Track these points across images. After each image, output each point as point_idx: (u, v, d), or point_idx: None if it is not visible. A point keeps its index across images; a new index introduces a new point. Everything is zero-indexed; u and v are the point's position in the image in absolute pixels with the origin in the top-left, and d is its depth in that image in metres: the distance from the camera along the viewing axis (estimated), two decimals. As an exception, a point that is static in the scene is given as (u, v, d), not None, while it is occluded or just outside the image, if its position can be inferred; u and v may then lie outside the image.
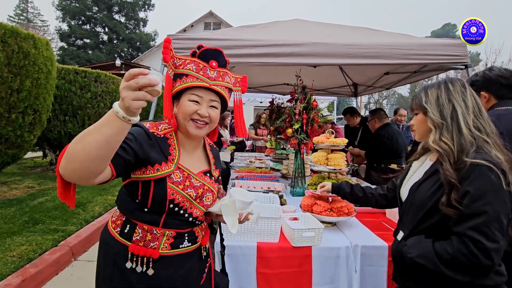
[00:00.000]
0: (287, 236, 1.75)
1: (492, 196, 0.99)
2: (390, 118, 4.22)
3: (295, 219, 1.91)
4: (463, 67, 2.63)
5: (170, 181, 1.07)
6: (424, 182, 1.17)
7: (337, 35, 2.79)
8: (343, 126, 5.25)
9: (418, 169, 1.29)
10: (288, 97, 2.81)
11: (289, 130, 2.61)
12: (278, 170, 3.71)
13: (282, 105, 3.28)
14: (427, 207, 1.12)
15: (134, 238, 1.09)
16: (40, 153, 7.02)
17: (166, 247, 1.10)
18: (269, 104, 3.46)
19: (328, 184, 1.77)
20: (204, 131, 1.14)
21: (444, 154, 1.09)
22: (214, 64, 1.15)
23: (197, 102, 1.11)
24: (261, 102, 8.93)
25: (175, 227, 1.11)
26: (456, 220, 1.03)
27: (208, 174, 1.22)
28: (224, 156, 3.92)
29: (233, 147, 4.03)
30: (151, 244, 1.09)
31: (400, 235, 1.24)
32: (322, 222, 1.84)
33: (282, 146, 4.62)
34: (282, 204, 2.29)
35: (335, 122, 7.51)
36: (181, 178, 1.11)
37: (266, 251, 1.65)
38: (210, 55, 1.16)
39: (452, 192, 1.03)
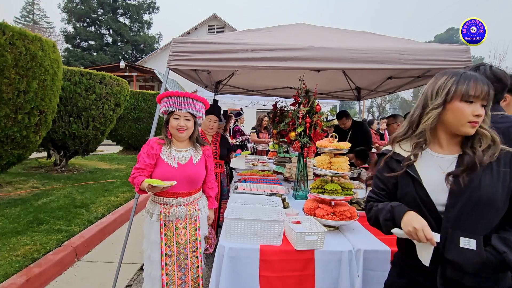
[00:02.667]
0: (289, 239, 1.76)
1: None
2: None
3: (298, 222, 1.92)
4: (467, 72, 2.63)
5: None
6: (483, 176, 1.07)
7: (340, 39, 2.80)
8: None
9: (429, 167, 1.17)
10: (291, 100, 2.82)
11: (292, 134, 2.63)
12: (280, 173, 3.72)
13: (285, 109, 3.30)
14: (496, 203, 1.05)
15: None
16: (44, 154, 7.07)
17: None
18: (272, 108, 3.48)
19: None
20: None
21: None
22: None
23: None
24: (263, 105, 8.94)
25: None
26: None
27: None
28: (238, 163, 3.07)
29: (248, 152, 3.56)
30: None
31: (469, 242, 1.05)
32: (325, 225, 1.85)
33: (285, 149, 4.63)
34: (284, 207, 2.31)
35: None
36: None
37: (268, 254, 1.66)
38: None
39: None
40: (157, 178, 1.75)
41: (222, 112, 3.43)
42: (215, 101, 3.45)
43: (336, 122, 4.67)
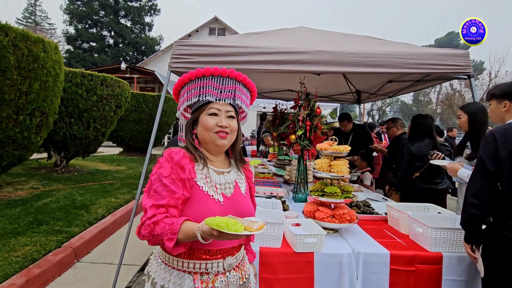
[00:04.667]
0: (289, 241, 1.77)
1: None
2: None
3: (298, 224, 1.92)
4: (466, 77, 2.65)
5: None
6: None
7: (341, 43, 2.82)
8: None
9: None
10: (291, 103, 2.84)
11: (293, 137, 2.64)
12: (280, 176, 3.73)
13: (286, 111, 3.31)
14: None
15: None
16: (45, 155, 7.08)
17: None
18: (272, 110, 3.49)
19: None
20: None
21: None
22: None
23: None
24: (264, 108, 8.99)
25: None
26: None
27: None
28: None
29: (258, 161, 2.85)
30: None
31: None
32: (324, 228, 1.85)
33: (285, 152, 4.64)
34: (284, 209, 2.31)
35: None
36: None
37: (268, 256, 1.67)
38: None
39: None
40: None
41: None
42: None
43: (336, 124, 4.68)
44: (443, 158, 2.57)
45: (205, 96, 1.09)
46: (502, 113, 1.77)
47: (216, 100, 1.09)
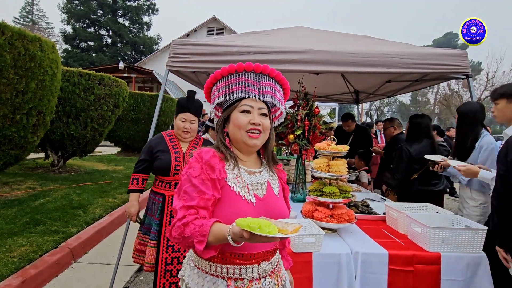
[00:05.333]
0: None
1: None
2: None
3: (296, 225, 1.92)
4: (464, 76, 2.66)
5: None
6: None
7: (339, 43, 2.82)
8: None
9: None
10: (290, 103, 2.84)
11: (291, 136, 2.64)
12: (279, 176, 3.71)
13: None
14: None
15: None
16: (42, 154, 7.05)
17: None
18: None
19: None
20: None
21: None
22: None
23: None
24: (262, 107, 8.97)
25: None
26: None
27: None
28: None
29: None
30: None
31: None
32: (323, 228, 1.85)
33: (284, 151, 4.64)
34: (283, 209, 2.31)
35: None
36: None
37: (266, 256, 1.66)
38: None
39: None
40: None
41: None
42: (192, 93, 2.18)
43: (334, 124, 4.67)
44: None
45: (237, 93, 1.05)
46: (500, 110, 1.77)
47: (248, 96, 1.05)
